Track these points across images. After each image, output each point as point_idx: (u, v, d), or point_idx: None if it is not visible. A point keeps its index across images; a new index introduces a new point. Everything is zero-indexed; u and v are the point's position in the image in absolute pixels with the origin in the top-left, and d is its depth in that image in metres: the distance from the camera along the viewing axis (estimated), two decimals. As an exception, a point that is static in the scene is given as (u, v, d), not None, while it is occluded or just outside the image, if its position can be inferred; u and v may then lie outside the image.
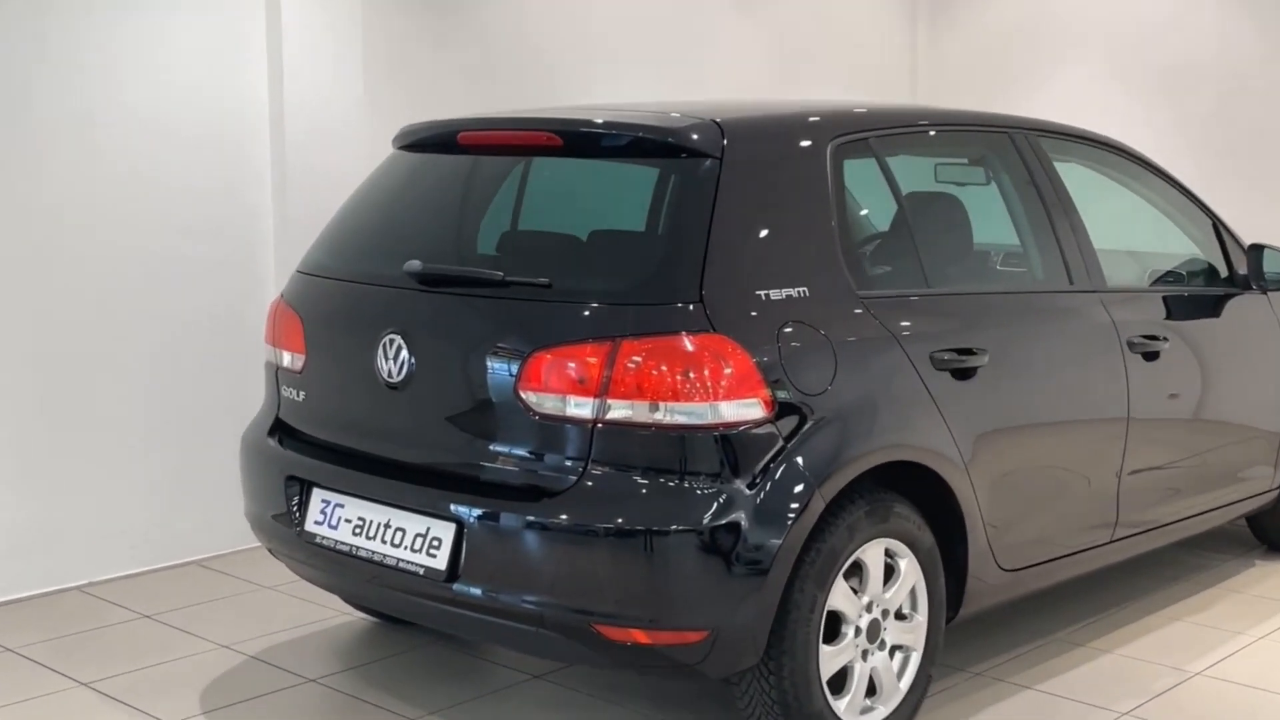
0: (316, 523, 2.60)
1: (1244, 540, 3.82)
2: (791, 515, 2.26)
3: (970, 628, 3.06)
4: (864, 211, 3.18)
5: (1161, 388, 3.14)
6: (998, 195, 3.07)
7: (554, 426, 2.29)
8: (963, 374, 2.66)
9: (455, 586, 2.35)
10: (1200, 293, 3.38)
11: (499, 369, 2.35)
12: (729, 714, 2.57)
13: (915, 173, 3.06)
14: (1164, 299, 3.24)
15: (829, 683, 2.42)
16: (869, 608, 2.51)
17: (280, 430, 2.78)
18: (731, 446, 2.25)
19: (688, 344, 2.25)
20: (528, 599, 2.28)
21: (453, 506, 2.36)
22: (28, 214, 3.32)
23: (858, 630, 2.49)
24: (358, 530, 2.52)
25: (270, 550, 2.81)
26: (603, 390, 2.25)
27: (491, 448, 2.37)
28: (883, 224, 2.94)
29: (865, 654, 2.52)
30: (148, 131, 3.49)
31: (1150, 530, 3.18)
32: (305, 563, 2.69)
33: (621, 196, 2.83)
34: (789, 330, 2.35)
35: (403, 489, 2.46)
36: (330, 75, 3.74)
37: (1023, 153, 3.04)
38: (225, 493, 3.37)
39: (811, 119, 2.65)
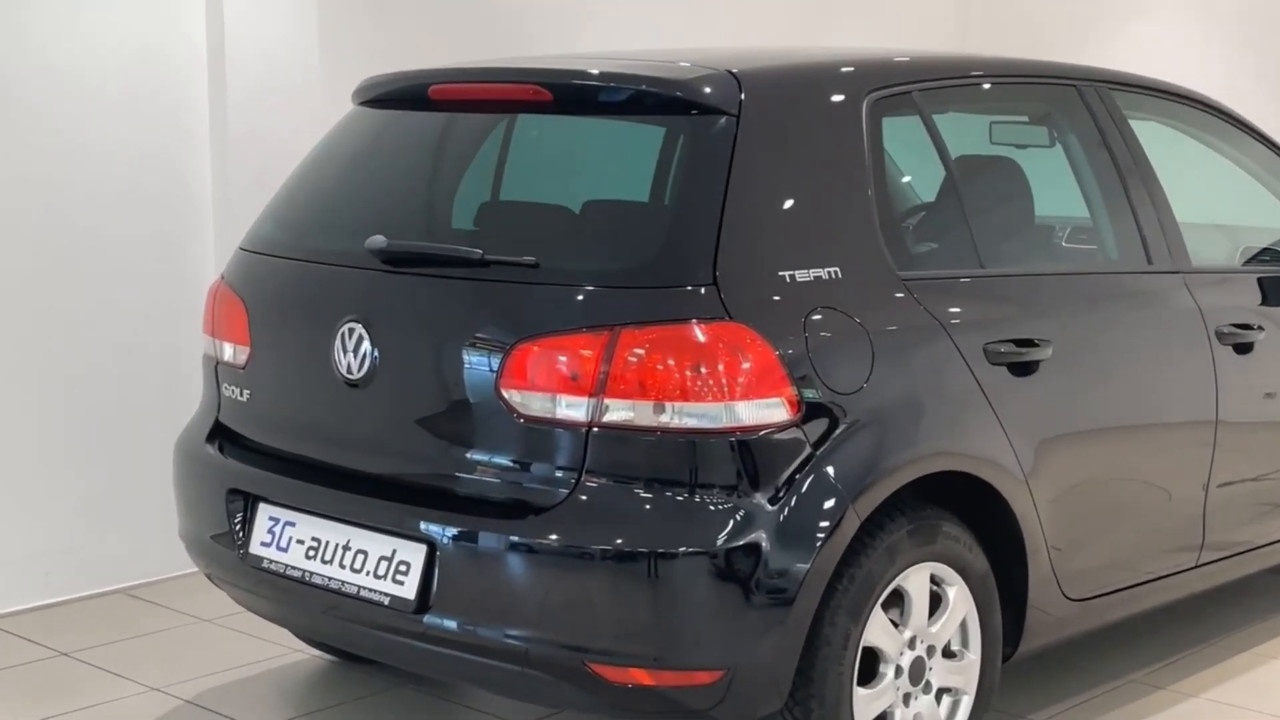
0: (263, 544, 2.61)
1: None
2: (821, 535, 2.27)
3: (1030, 667, 3.05)
4: (906, 179, 3.20)
5: (1256, 385, 3.14)
6: (1064, 159, 3.07)
7: (542, 431, 2.30)
8: (1022, 369, 2.66)
9: (426, 618, 2.35)
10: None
11: (477, 363, 2.36)
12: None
13: (967, 133, 3.07)
14: (1259, 281, 3.23)
15: (865, 731, 2.44)
16: (911, 644, 2.51)
17: (221, 435, 2.78)
18: (750, 454, 2.26)
19: (699, 334, 2.26)
20: (511, 633, 2.29)
21: (423, 525, 2.37)
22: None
23: (898, 670, 2.49)
24: (311, 553, 2.53)
25: (209, 577, 2.82)
26: (599, 388, 2.25)
27: (468, 456, 2.38)
28: (928, 193, 2.94)
29: (907, 698, 2.52)
30: (66, 90, 3.47)
31: (1242, 553, 3.19)
32: (250, 591, 2.70)
33: (621, 161, 2.84)
34: (818, 318, 2.36)
35: (364, 504, 2.47)
36: (280, 22, 3.72)
37: (1093, 109, 3.04)
38: (156, 509, 3.36)
39: (844, 70, 2.65)
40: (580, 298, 2.32)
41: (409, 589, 2.38)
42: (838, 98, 2.57)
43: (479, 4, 4.26)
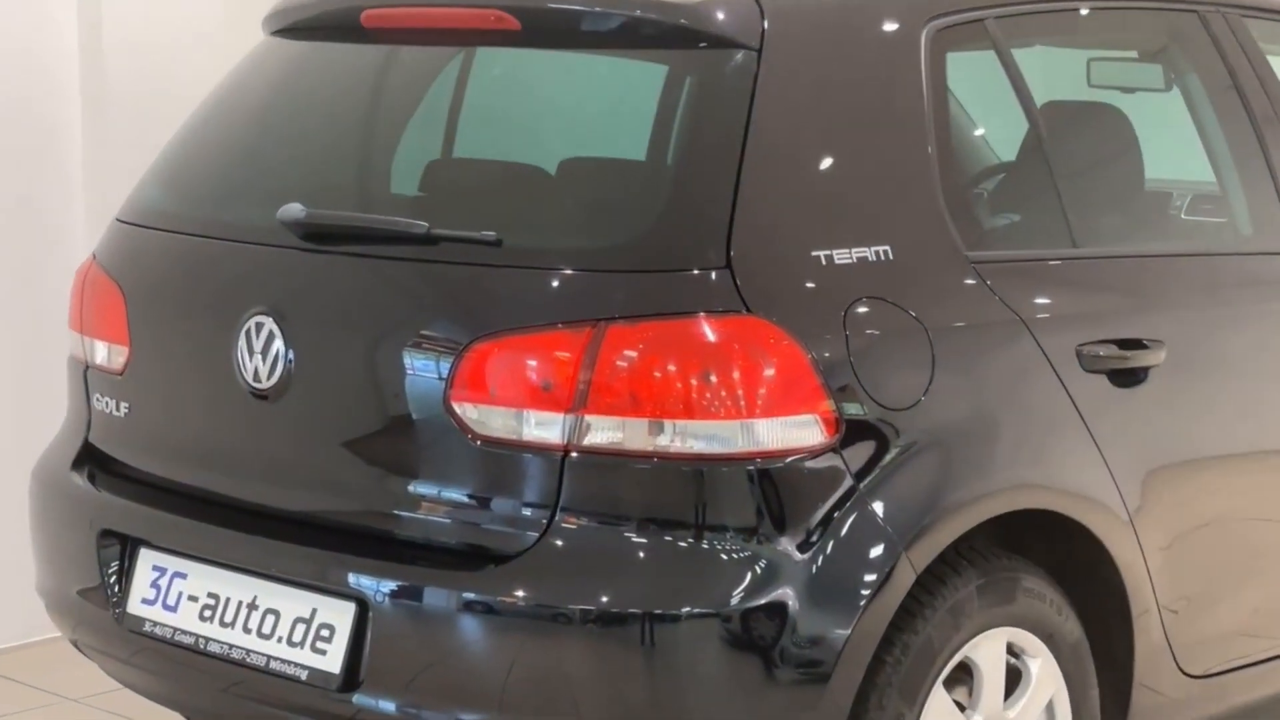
0: (146, 601, 2.61)
1: None
2: (865, 592, 2.28)
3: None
4: (978, 131, 3.20)
5: None
6: (1183, 107, 3.08)
7: (504, 456, 2.31)
8: (1127, 378, 2.67)
9: (356, 698, 2.36)
10: None
11: (421, 369, 2.37)
12: None
13: (1057, 72, 3.08)
14: None
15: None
16: (983, 732, 2.54)
17: (91, 461, 2.79)
18: (774, 487, 2.27)
19: (708, 331, 2.27)
20: (465, 717, 2.29)
21: (352, 577, 2.38)
22: None
23: (966, 767, 2.53)
24: (208, 613, 2.53)
25: (75, 644, 2.83)
26: (579, 401, 2.26)
27: (410, 489, 2.40)
28: (1007, 150, 2.96)
29: (978, 803, 2.55)
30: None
31: None
32: (129, 662, 2.70)
33: (609, 109, 2.85)
34: (862, 311, 2.37)
35: (276, 550, 2.48)
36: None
37: (1221, 42, 3.04)
38: (7, 558, 3.36)
39: (898, -9, 2.69)
40: (555, 284, 2.33)
41: (333, 660, 2.38)
42: (890, 27, 2.58)
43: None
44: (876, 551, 2.29)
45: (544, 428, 2.27)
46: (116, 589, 2.64)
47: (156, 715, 3.17)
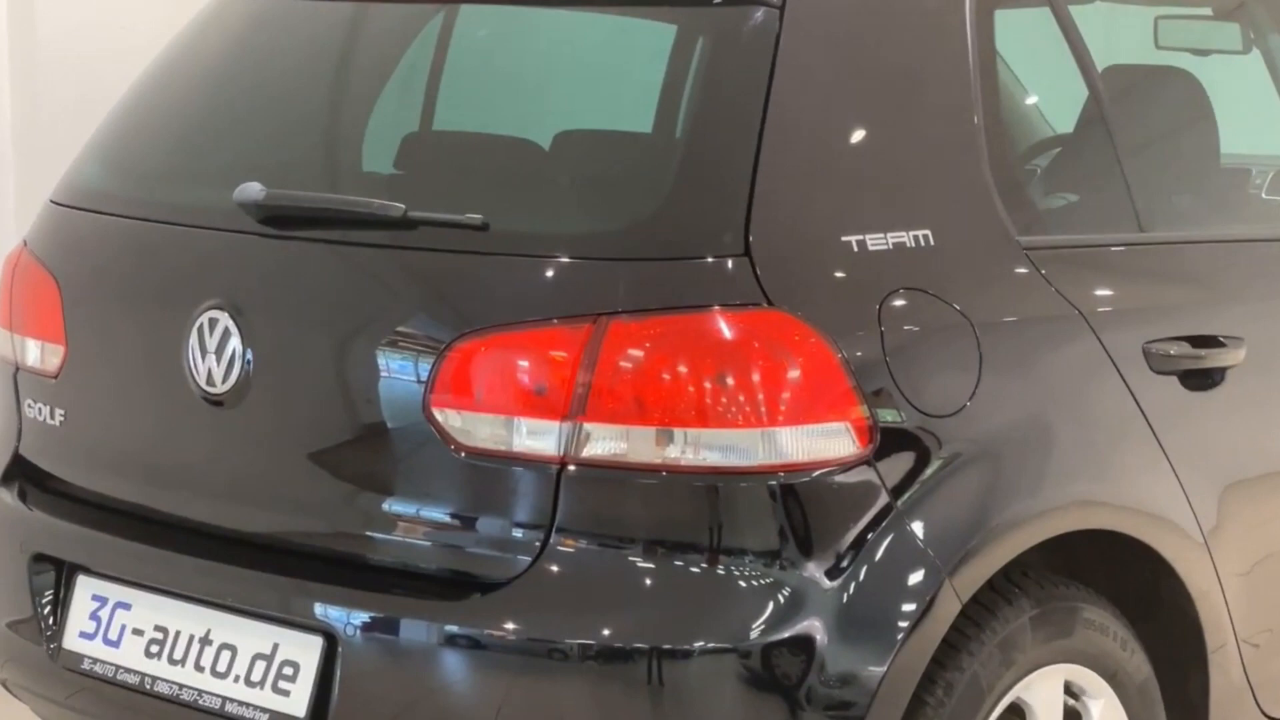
0: (84, 635, 2.61)
1: None
2: (904, 625, 2.29)
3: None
4: (1031, 99, 3.20)
5: None
6: (1264, 72, 3.10)
7: (492, 470, 2.31)
8: (1201, 380, 2.68)
9: (322, 746, 2.39)
10: None
11: (398, 370, 2.38)
12: None
13: (1121, 31, 3.10)
14: None
15: None
16: (1038, 783, 2.54)
17: (22, 476, 2.80)
18: (800, 505, 2.28)
19: (724, 327, 2.27)
20: (447, 768, 2.32)
21: (318, 608, 2.39)
22: None
23: (1019, 823, 2.53)
24: (155, 648, 2.54)
25: (4, 683, 2.83)
26: (577, 407, 2.26)
27: (385, 507, 2.40)
28: (1063, 121, 2.99)
29: None
30: None
31: None
32: (65, 704, 2.70)
33: (610, 75, 2.85)
34: (899, 304, 2.37)
35: (233, 577, 2.49)
36: None
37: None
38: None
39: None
40: (549, 274, 2.34)
41: (297, 702, 2.38)
42: (930, -21, 2.61)
43: None
44: (916, 578, 2.29)
45: (537, 437, 2.27)
46: (51, 621, 2.64)
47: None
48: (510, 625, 2.26)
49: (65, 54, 3.68)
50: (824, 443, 2.27)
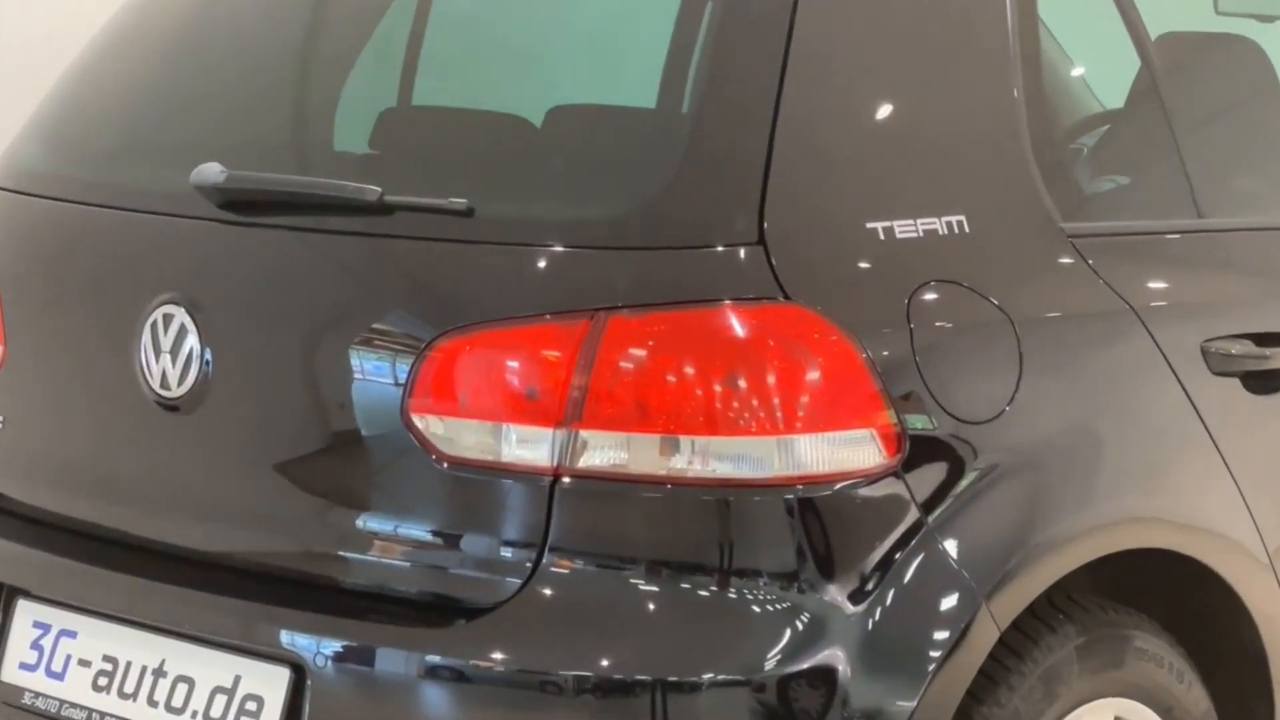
0: (25, 666, 2.61)
1: None
2: (936, 655, 2.29)
3: None
4: (1077, 71, 3.19)
5: None
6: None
7: (478, 483, 2.32)
8: (1266, 382, 2.68)
9: (290, 789, 2.39)
10: None
11: (373, 372, 2.39)
12: None
13: (1176, -3, 3.09)
14: None
15: None
16: (1085, 831, 2.55)
17: (-45, 491, 2.81)
18: (820, 521, 2.28)
19: (735, 323, 2.27)
20: (428, 813, 2.33)
21: (285, 636, 2.39)
22: None
23: None
24: (103, 681, 2.53)
25: (-63, 720, 2.83)
26: (572, 412, 2.26)
27: (359, 524, 2.41)
28: (1113, 95, 3.00)
29: None
30: None
31: None
32: (3, 743, 2.70)
33: (609, 42, 2.84)
34: (931, 298, 2.38)
35: (190, 602, 2.49)
36: None
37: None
38: None
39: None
40: (541, 264, 2.34)
41: (262, 741, 2.39)
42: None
43: None
44: (950, 602, 2.30)
45: (528, 446, 2.28)
46: (-11, 651, 2.65)
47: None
48: (498, 655, 2.26)
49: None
50: (847, 452, 2.27)
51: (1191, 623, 2.61)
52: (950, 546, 2.31)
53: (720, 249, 2.29)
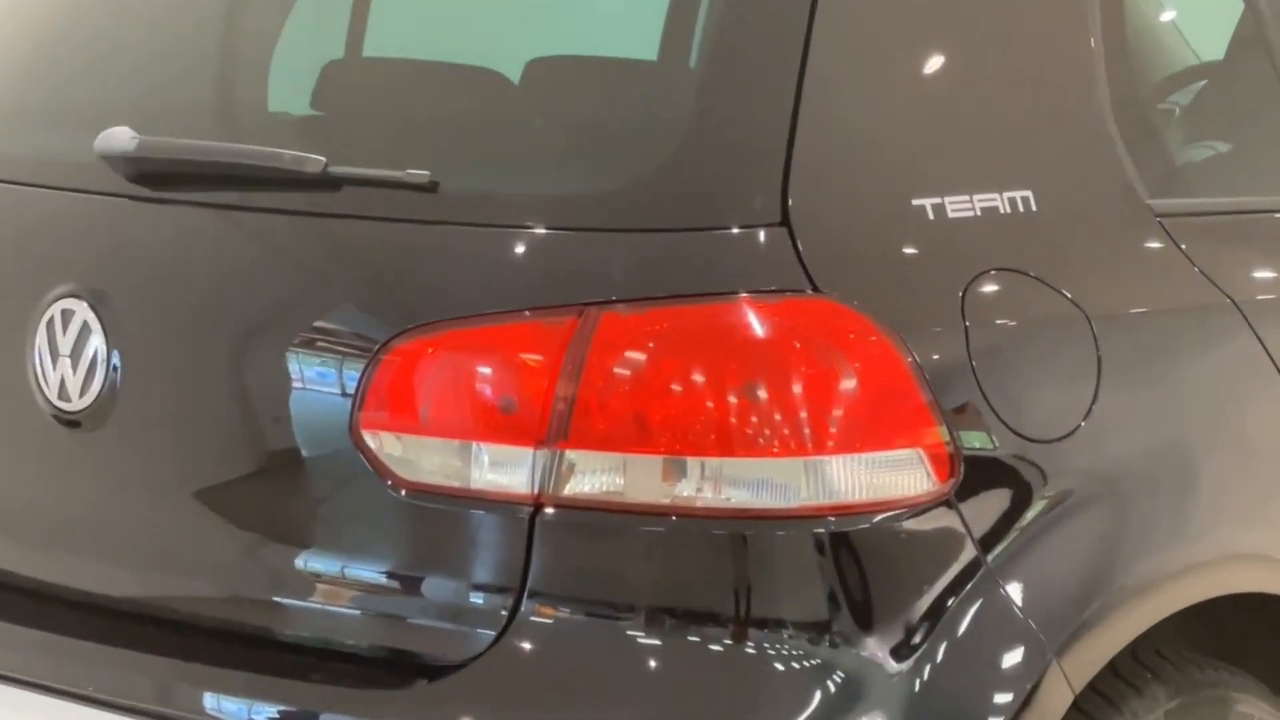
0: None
1: None
2: (997, 720, 2.34)
3: None
4: (1167, 15, 3.18)
5: None
6: None
7: (442, 515, 2.33)
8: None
9: None
10: None
11: (315, 381, 2.41)
12: None
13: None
14: None
15: None
16: None
17: None
18: (856, 561, 2.28)
19: (754, 321, 2.27)
20: None
21: (210, 700, 2.41)
22: None
23: None
24: (-10, 756, 2.55)
25: None
26: (557, 429, 2.26)
27: (300, 565, 2.42)
28: (1210, 46, 3.02)
29: None
30: None
31: None
32: None
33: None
34: (990, 290, 2.40)
35: (94, 659, 2.50)
36: None
37: None
38: None
39: None
40: (519, 250, 2.35)
41: (180, 827, 2.41)
42: None
43: None
44: (1014, 659, 2.30)
45: (503, 470, 2.27)
46: None
47: None
48: (467, 722, 2.27)
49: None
50: (889, 476, 2.27)
51: None
52: (1014, 591, 2.31)
53: (735, 231, 2.29)
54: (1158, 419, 2.48)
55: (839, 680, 2.24)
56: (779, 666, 2.23)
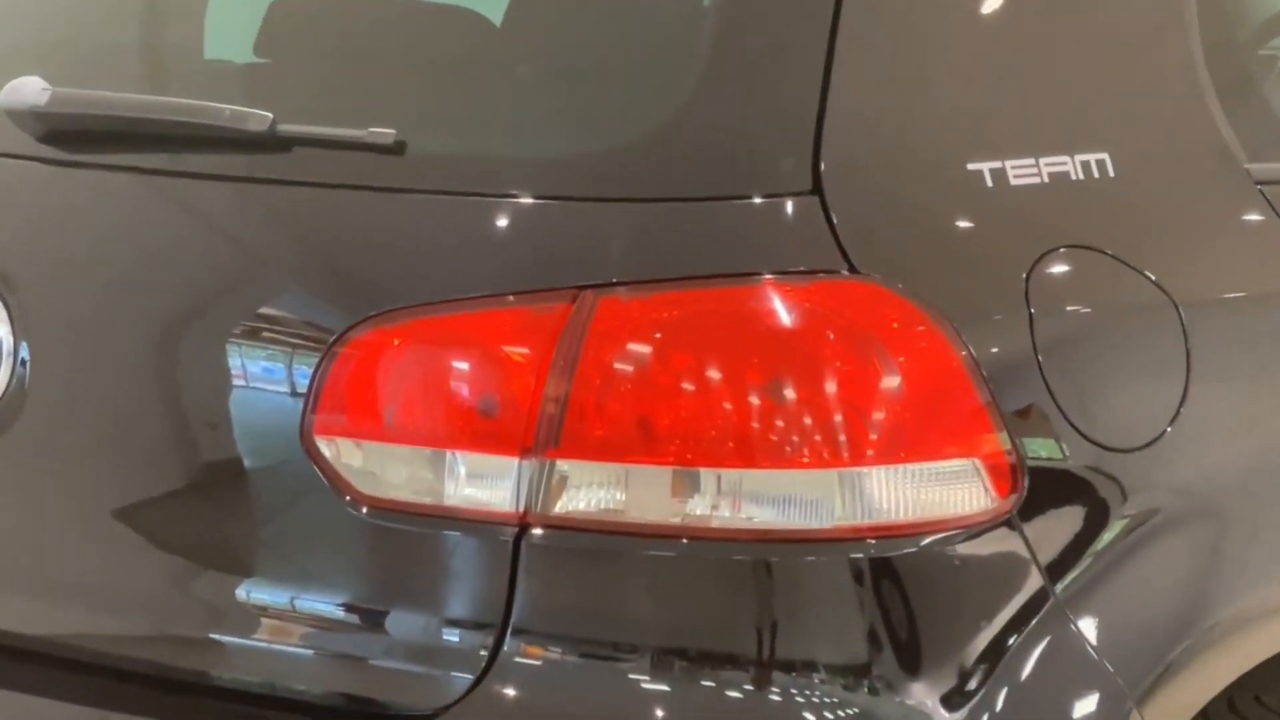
0: None
1: None
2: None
3: None
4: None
5: None
6: None
7: (410, 536, 2.34)
8: None
9: None
10: None
11: (259, 377, 2.43)
12: None
13: None
14: None
15: None
16: None
17: None
18: (901, 592, 2.29)
19: (780, 308, 2.27)
20: None
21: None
22: None
23: None
24: None
25: None
26: (546, 435, 2.26)
27: (241, 595, 2.44)
28: None
29: None
30: None
31: None
32: None
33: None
34: (1060, 271, 2.41)
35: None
36: None
37: None
38: None
39: None
40: (502, 224, 2.36)
41: None
42: None
43: None
44: (1087, 708, 2.31)
45: (483, 483, 2.28)
46: None
47: None
48: (442, 786, 2.29)
49: None
50: (940, 492, 2.27)
51: None
52: (1087, 627, 2.32)
53: (758, 201, 2.30)
54: (1258, 423, 2.50)
55: (881, 737, 2.27)
56: (809, 717, 2.23)
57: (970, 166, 2.37)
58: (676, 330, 2.25)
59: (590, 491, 2.24)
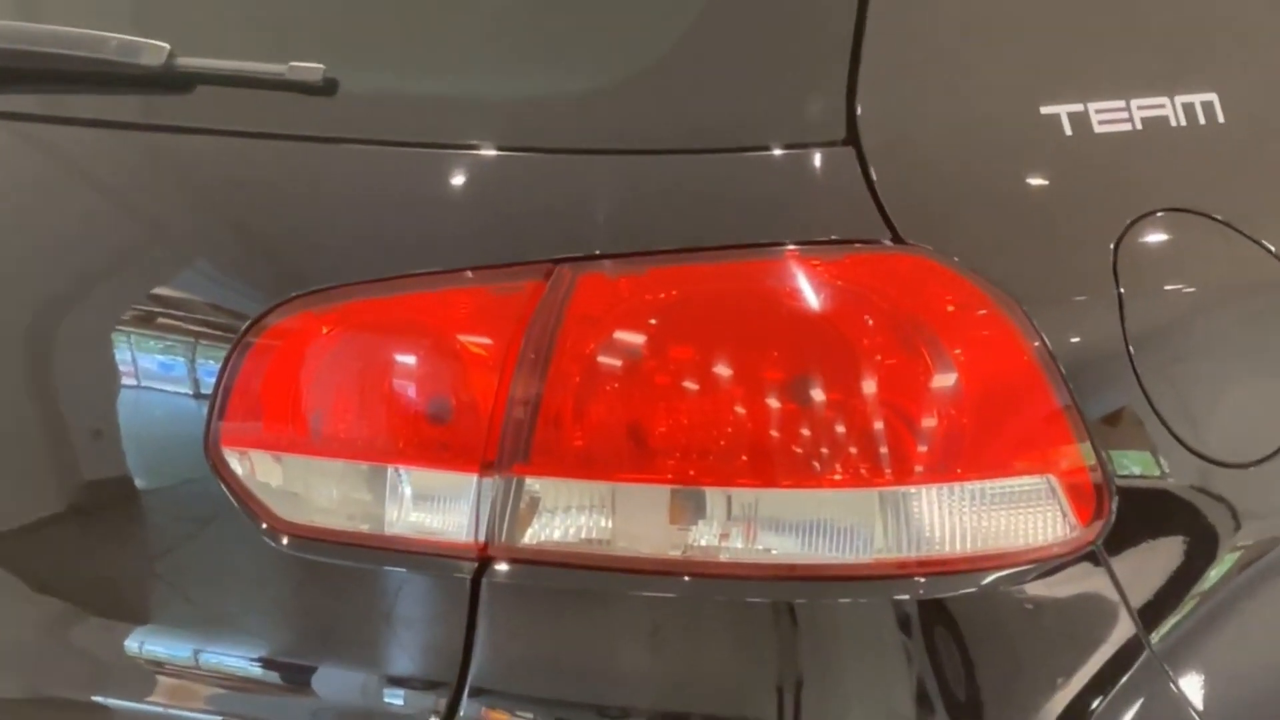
0: None
1: None
2: None
3: None
4: None
5: None
6: None
7: (344, 574, 2.37)
8: None
9: None
10: None
11: (155, 374, 2.46)
12: None
13: None
14: None
15: None
16: None
17: None
18: (958, 642, 2.30)
19: (806, 286, 2.26)
20: None
21: None
22: None
23: None
24: None
25: None
26: (512, 447, 2.26)
27: (132, 646, 2.48)
28: None
29: None
30: None
31: None
32: None
33: None
34: (1156, 240, 2.43)
35: None
36: None
37: None
38: None
39: None
40: (457, 182, 2.38)
41: None
42: None
43: None
44: None
45: (433, 507, 2.30)
46: None
47: None
48: None
49: None
50: (1006, 517, 2.28)
51: None
52: (1190, 687, 2.35)
53: (778, 152, 2.32)
54: None
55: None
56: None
57: (1044, 110, 2.38)
58: (676, 314, 2.25)
59: (567, 517, 2.25)
